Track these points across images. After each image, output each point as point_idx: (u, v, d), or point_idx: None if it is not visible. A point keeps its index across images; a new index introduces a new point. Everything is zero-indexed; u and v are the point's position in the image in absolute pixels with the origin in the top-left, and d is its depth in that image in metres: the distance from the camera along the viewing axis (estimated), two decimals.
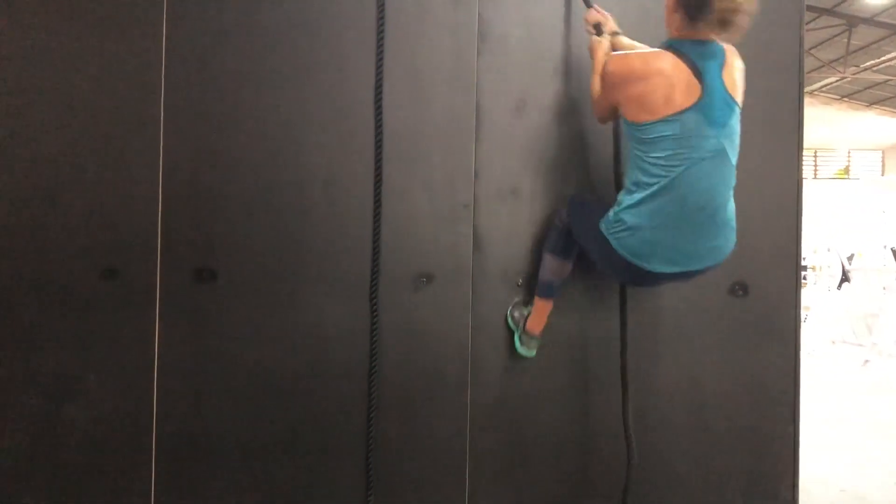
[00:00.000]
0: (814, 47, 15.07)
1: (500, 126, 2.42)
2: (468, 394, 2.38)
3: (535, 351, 2.40)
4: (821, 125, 18.83)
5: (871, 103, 19.44)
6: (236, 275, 2.25)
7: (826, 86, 17.82)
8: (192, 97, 2.23)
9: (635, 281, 2.25)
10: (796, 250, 2.61)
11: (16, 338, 2.12)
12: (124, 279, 2.18)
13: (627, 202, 2.07)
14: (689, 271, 2.11)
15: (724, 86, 2.01)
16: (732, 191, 2.09)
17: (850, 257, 9.58)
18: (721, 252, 2.12)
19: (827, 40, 14.98)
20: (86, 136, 2.17)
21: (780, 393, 2.58)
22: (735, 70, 2.06)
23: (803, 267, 2.85)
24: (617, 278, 2.34)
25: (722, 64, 2.02)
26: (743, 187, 2.13)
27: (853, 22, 13.79)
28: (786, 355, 2.58)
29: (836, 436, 4.90)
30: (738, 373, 2.56)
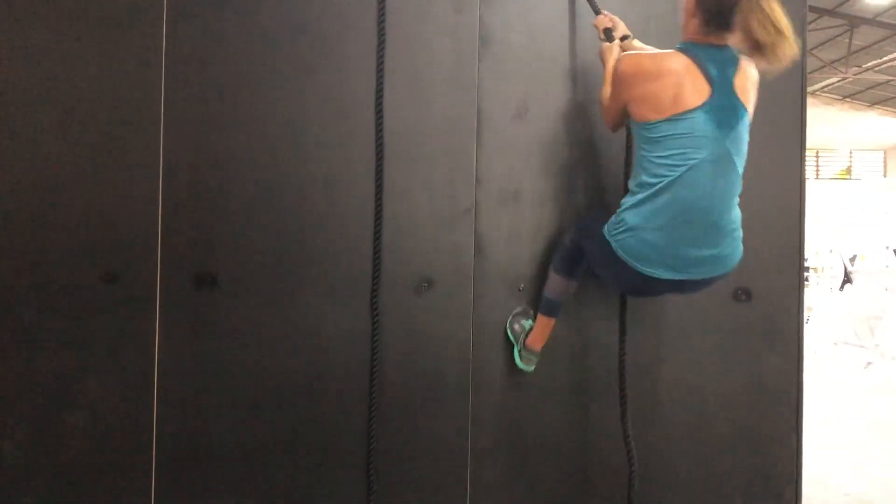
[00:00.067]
0: (815, 48, 15.08)
1: (501, 130, 2.41)
2: (469, 396, 2.38)
3: (534, 367, 2.37)
4: (822, 125, 18.83)
5: (873, 103, 19.45)
6: (236, 276, 2.24)
7: (828, 86, 17.83)
8: (192, 97, 2.22)
9: (638, 289, 2.22)
10: (799, 253, 2.60)
11: (16, 339, 2.11)
12: (124, 280, 2.17)
13: (629, 202, 2.06)
14: (692, 280, 2.06)
15: (735, 91, 1.99)
16: (738, 199, 2.07)
17: (852, 258, 9.57)
18: (725, 262, 2.07)
19: (829, 41, 15.00)
20: (86, 136, 2.16)
21: (782, 395, 2.57)
22: (748, 78, 2.03)
23: (805, 268, 2.83)
24: (620, 287, 2.32)
25: (735, 70, 2.00)
26: (745, 189, 2.10)
27: (855, 22, 13.80)
28: (788, 358, 2.58)
29: (836, 435, 4.90)
30: (740, 375, 2.55)
